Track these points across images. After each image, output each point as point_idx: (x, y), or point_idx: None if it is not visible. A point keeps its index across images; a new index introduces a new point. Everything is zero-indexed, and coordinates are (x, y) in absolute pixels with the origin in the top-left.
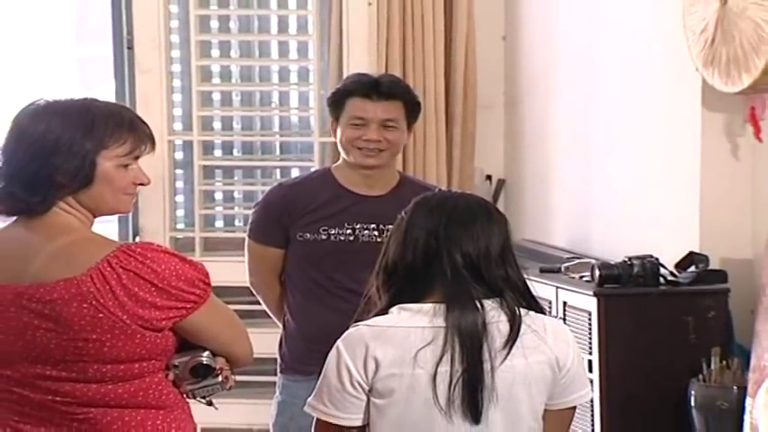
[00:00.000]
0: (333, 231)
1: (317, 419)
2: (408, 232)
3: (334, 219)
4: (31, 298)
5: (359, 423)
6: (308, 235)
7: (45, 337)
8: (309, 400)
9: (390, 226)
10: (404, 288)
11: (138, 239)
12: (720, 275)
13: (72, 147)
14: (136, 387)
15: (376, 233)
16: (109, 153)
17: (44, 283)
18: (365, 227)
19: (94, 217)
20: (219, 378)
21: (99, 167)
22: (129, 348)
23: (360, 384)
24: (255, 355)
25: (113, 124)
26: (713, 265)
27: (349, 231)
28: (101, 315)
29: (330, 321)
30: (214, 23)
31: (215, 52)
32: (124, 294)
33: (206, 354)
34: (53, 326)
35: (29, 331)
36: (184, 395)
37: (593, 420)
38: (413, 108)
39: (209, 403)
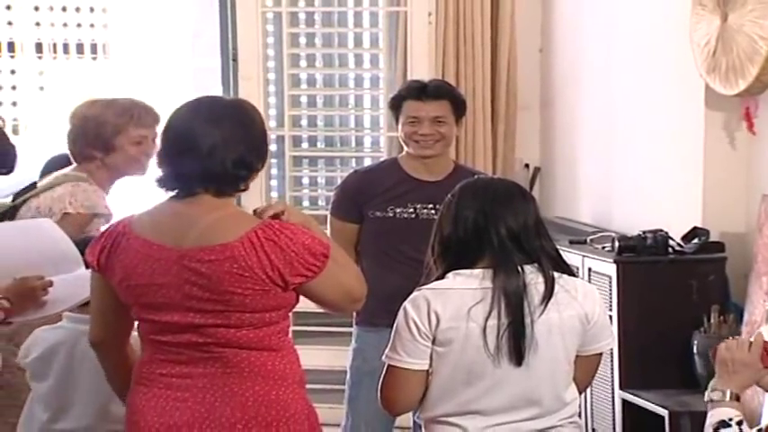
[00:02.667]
0: (398, 210)
1: (391, 368)
2: (459, 212)
3: (400, 200)
4: (192, 258)
5: (426, 367)
6: (378, 213)
7: (200, 291)
8: (386, 351)
9: None
10: (457, 257)
11: None
12: (719, 246)
13: (266, 139)
14: (263, 333)
15: (433, 212)
16: None
17: (204, 247)
18: (425, 206)
19: None
20: None
21: None
22: (264, 301)
23: (426, 335)
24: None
25: None
26: (713, 237)
27: (411, 210)
28: (246, 275)
29: (396, 283)
30: (302, 39)
31: (303, 63)
32: (265, 259)
33: None
34: (207, 282)
35: (186, 286)
36: None
37: (612, 365)
38: (458, 105)
39: None
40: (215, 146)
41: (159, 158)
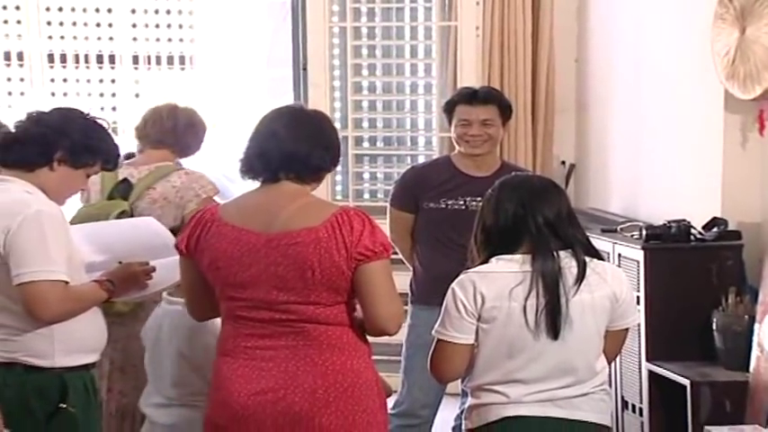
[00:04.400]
0: (450, 202)
1: (440, 342)
2: (499, 204)
3: (451, 193)
4: (279, 242)
5: (471, 342)
6: (432, 204)
7: (284, 271)
8: (436, 327)
9: None
10: (498, 244)
11: None
12: (736, 234)
13: (339, 146)
14: (336, 310)
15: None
16: None
17: (291, 231)
18: (473, 199)
19: None
20: None
21: None
22: (338, 281)
23: (472, 313)
24: None
25: None
26: (731, 226)
27: (461, 202)
28: (326, 255)
29: (447, 267)
30: (364, 51)
31: (365, 72)
32: (342, 241)
33: None
34: (292, 262)
35: (272, 267)
36: None
37: (639, 339)
38: (505, 110)
39: None
40: (299, 138)
41: (246, 154)
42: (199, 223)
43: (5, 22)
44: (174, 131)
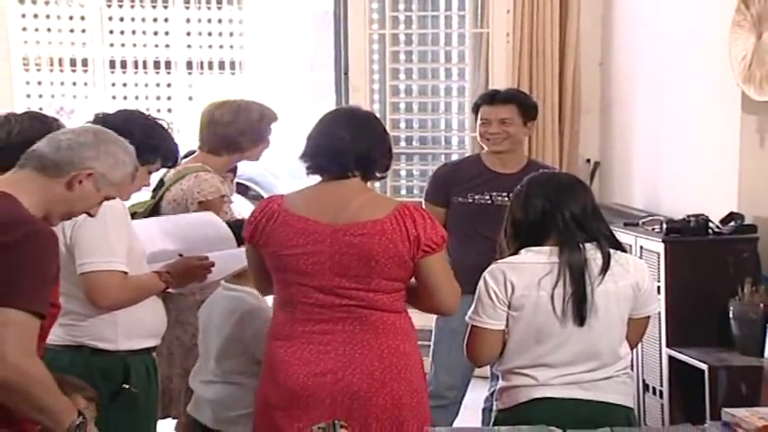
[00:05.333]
0: (477, 197)
1: (474, 328)
2: (528, 199)
3: (479, 188)
4: (345, 233)
5: (502, 327)
6: (461, 199)
7: (349, 260)
8: (470, 314)
9: None
10: (527, 237)
11: None
12: (752, 228)
13: (391, 147)
14: (393, 298)
15: (506, 199)
16: None
17: (357, 222)
18: (499, 195)
19: None
20: None
21: None
22: (399, 271)
23: (503, 301)
24: None
25: None
26: (747, 220)
27: (488, 197)
28: (390, 246)
29: (474, 258)
30: (402, 56)
31: (402, 76)
32: (406, 234)
33: None
34: (357, 252)
35: (336, 256)
36: None
37: (660, 326)
38: (528, 109)
39: None
40: (370, 140)
41: (312, 152)
42: (264, 213)
43: (71, 31)
44: (203, 131)
